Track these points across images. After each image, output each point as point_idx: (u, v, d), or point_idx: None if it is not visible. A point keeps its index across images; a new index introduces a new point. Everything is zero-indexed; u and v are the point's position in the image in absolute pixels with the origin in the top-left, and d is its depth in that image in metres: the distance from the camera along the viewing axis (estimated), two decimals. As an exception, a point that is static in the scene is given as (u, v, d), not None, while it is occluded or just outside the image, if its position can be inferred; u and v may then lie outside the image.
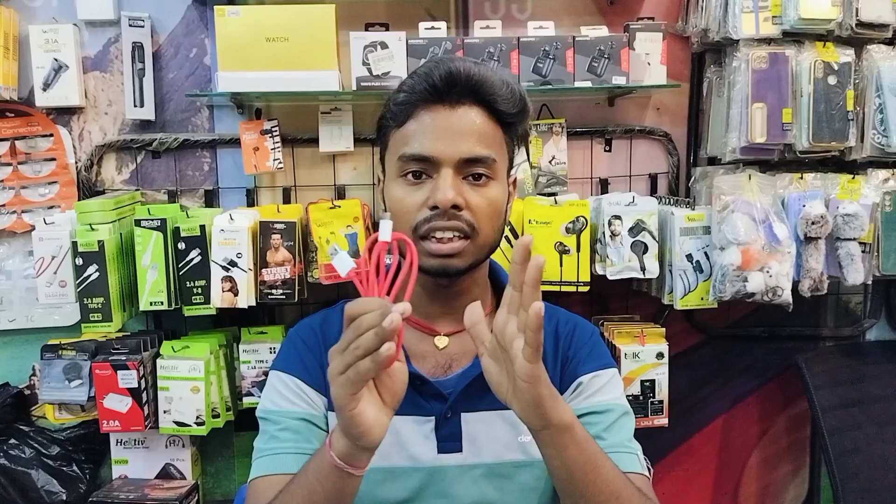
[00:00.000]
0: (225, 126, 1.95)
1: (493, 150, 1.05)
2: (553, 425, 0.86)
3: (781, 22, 1.75)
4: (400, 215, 1.04)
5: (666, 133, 2.02)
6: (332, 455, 0.86)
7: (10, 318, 1.93)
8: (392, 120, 1.07)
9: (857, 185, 1.80)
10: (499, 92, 1.04)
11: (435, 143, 1.02)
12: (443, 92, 1.03)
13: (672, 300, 1.81)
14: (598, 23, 1.94)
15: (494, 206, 1.05)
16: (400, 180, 1.06)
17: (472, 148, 1.02)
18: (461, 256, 1.04)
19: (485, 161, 1.03)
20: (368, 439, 0.83)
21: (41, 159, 1.90)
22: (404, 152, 1.04)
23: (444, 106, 1.03)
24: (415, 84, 1.04)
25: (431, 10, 1.94)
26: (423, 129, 1.03)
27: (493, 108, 1.05)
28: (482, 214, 1.04)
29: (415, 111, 1.04)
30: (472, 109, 1.04)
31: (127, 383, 1.72)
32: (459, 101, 1.03)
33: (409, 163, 1.04)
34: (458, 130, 1.03)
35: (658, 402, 1.83)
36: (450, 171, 1.02)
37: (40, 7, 1.88)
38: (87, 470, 1.91)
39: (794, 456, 2.20)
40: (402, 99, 1.05)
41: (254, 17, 1.74)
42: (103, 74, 1.92)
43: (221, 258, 1.71)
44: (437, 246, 1.02)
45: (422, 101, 1.04)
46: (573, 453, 0.89)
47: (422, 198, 1.03)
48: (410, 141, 1.04)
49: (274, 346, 1.83)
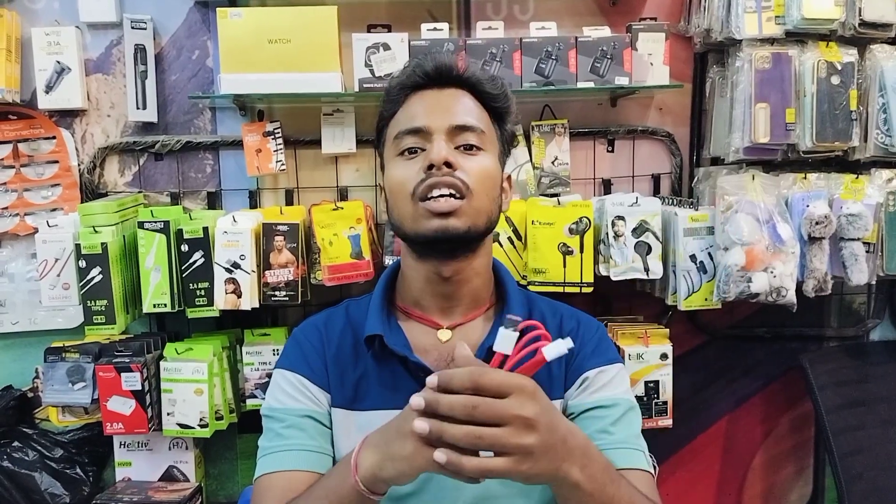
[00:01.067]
0: (227, 128, 1.95)
1: (482, 124, 1.12)
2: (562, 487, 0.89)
3: (784, 22, 1.74)
4: (399, 189, 1.09)
5: (669, 133, 2.02)
6: (357, 480, 0.89)
7: (13, 321, 1.92)
8: (386, 112, 1.15)
9: (861, 185, 1.80)
10: (482, 77, 1.14)
11: (426, 116, 1.09)
12: (432, 77, 1.12)
13: (676, 301, 1.81)
14: (601, 23, 1.94)
15: (487, 172, 1.10)
16: (397, 159, 1.11)
17: (461, 117, 1.10)
18: (458, 215, 1.05)
19: (474, 129, 1.10)
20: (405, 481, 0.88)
21: (44, 162, 1.90)
22: (399, 130, 1.10)
23: (433, 88, 1.13)
24: (406, 73, 1.14)
25: (433, 12, 1.93)
26: (415, 108, 1.11)
27: (478, 91, 1.13)
28: (475, 176, 1.07)
29: (406, 97, 1.13)
30: (459, 91, 1.13)
31: (130, 385, 1.73)
32: (447, 84, 1.13)
33: (404, 138, 1.09)
34: (447, 105, 1.11)
35: (662, 402, 1.83)
36: (441, 136, 1.07)
37: (42, 9, 1.88)
38: (90, 472, 1.91)
39: (798, 456, 2.19)
40: (395, 85, 1.14)
41: (256, 18, 1.74)
42: (106, 77, 1.92)
43: (225, 260, 1.71)
44: (436, 204, 1.05)
45: (413, 85, 1.13)
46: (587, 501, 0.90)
47: (418, 166, 1.07)
48: (403, 121, 1.11)
49: (277, 347, 1.83)
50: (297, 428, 1.09)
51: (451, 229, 1.05)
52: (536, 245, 1.77)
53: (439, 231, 1.05)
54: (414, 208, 1.06)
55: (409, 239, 1.11)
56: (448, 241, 1.07)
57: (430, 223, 1.05)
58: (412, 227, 1.07)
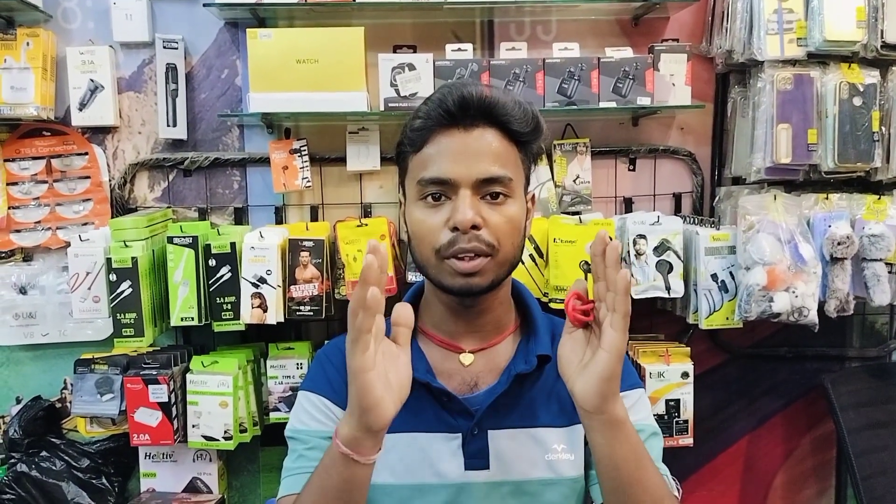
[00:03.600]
0: (255, 145, 1.99)
1: (509, 170, 1.06)
2: (608, 412, 0.90)
3: (806, 44, 1.76)
4: (422, 237, 1.07)
5: (690, 153, 2.03)
6: (337, 442, 0.88)
7: (43, 332, 1.96)
8: (409, 146, 1.09)
9: (884, 206, 1.80)
10: (511, 112, 1.06)
11: (452, 166, 1.04)
12: (457, 116, 1.05)
13: (697, 319, 1.82)
14: (623, 44, 1.96)
15: (513, 224, 1.07)
16: (420, 203, 1.07)
17: (488, 168, 1.04)
18: (482, 274, 1.05)
19: (501, 180, 1.05)
20: (374, 415, 0.84)
21: (76, 177, 1.95)
22: (423, 176, 1.06)
23: (459, 129, 1.05)
24: (430, 110, 1.07)
25: (458, 32, 1.97)
26: (440, 153, 1.05)
27: (506, 128, 1.07)
28: (501, 232, 1.05)
29: (431, 136, 1.07)
30: (486, 131, 1.06)
31: (157, 398, 1.76)
32: (474, 123, 1.05)
33: (428, 186, 1.05)
34: (474, 152, 1.05)
35: (683, 421, 1.83)
36: (468, 192, 1.04)
37: (77, 29, 1.93)
38: (115, 483, 1.94)
39: (819, 477, 2.18)
40: (419, 125, 1.08)
41: (285, 39, 1.78)
42: (137, 95, 1.96)
43: (251, 275, 1.74)
44: (461, 264, 1.04)
45: (437, 125, 1.06)
46: (623, 449, 0.92)
47: (442, 219, 1.05)
48: (428, 165, 1.06)
49: (301, 361, 1.85)
50: (319, 450, 1.08)
51: (474, 287, 1.05)
52: (558, 263, 1.78)
53: (463, 288, 1.06)
54: (438, 263, 1.06)
55: (431, 282, 1.11)
56: (471, 296, 1.08)
57: (455, 280, 1.05)
58: (436, 277, 1.07)
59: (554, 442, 1.12)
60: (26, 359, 2.00)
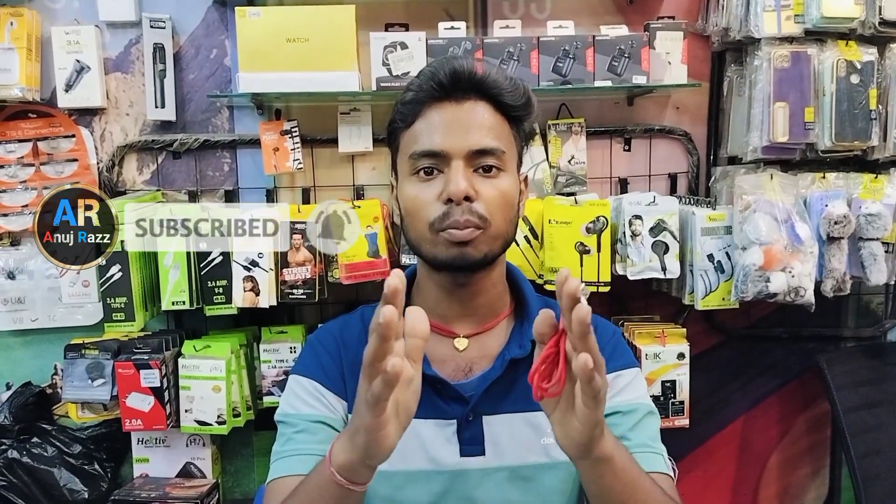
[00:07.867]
0: (245, 127, 1.96)
1: (502, 142, 1.06)
2: (592, 456, 0.85)
3: (804, 21, 1.74)
4: (415, 212, 1.06)
5: (686, 132, 2.01)
6: (332, 471, 0.83)
7: (32, 318, 1.93)
8: (401, 121, 1.09)
9: (880, 185, 1.79)
10: (503, 86, 1.06)
11: (444, 138, 1.04)
12: (449, 88, 1.05)
13: (693, 300, 1.81)
14: (618, 22, 1.93)
15: (506, 197, 1.06)
16: (412, 178, 1.07)
17: (480, 140, 1.04)
18: (475, 245, 1.04)
19: (493, 152, 1.05)
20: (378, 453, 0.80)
21: (63, 160, 1.92)
22: (415, 150, 1.05)
23: (450, 102, 1.06)
24: (421, 83, 1.07)
25: (450, 11, 1.93)
26: (432, 126, 1.05)
27: (498, 101, 1.07)
28: (494, 205, 1.04)
29: (423, 109, 1.07)
30: (478, 104, 1.06)
31: (149, 382, 1.74)
32: (465, 96, 1.06)
33: (421, 159, 1.05)
34: (466, 124, 1.04)
35: (679, 402, 1.82)
36: (460, 164, 1.03)
37: (62, 9, 1.90)
38: (108, 468, 1.93)
39: (814, 457, 2.18)
40: (410, 98, 1.08)
41: (274, 17, 1.75)
42: (125, 75, 1.93)
43: (243, 258, 1.72)
44: (455, 232, 1.03)
45: (429, 98, 1.06)
46: (610, 482, 0.88)
47: (435, 192, 1.04)
48: (420, 138, 1.06)
49: (294, 345, 1.84)
50: (308, 433, 1.08)
51: (468, 257, 1.04)
52: (553, 244, 1.77)
53: (457, 258, 1.04)
54: (433, 237, 1.05)
55: (425, 259, 1.10)
56: (465, 268, 1.07)
57: (448, 251, 1.04)
58: (429, 251, 1.06)
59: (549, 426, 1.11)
60: (16, 344, 1.98)
